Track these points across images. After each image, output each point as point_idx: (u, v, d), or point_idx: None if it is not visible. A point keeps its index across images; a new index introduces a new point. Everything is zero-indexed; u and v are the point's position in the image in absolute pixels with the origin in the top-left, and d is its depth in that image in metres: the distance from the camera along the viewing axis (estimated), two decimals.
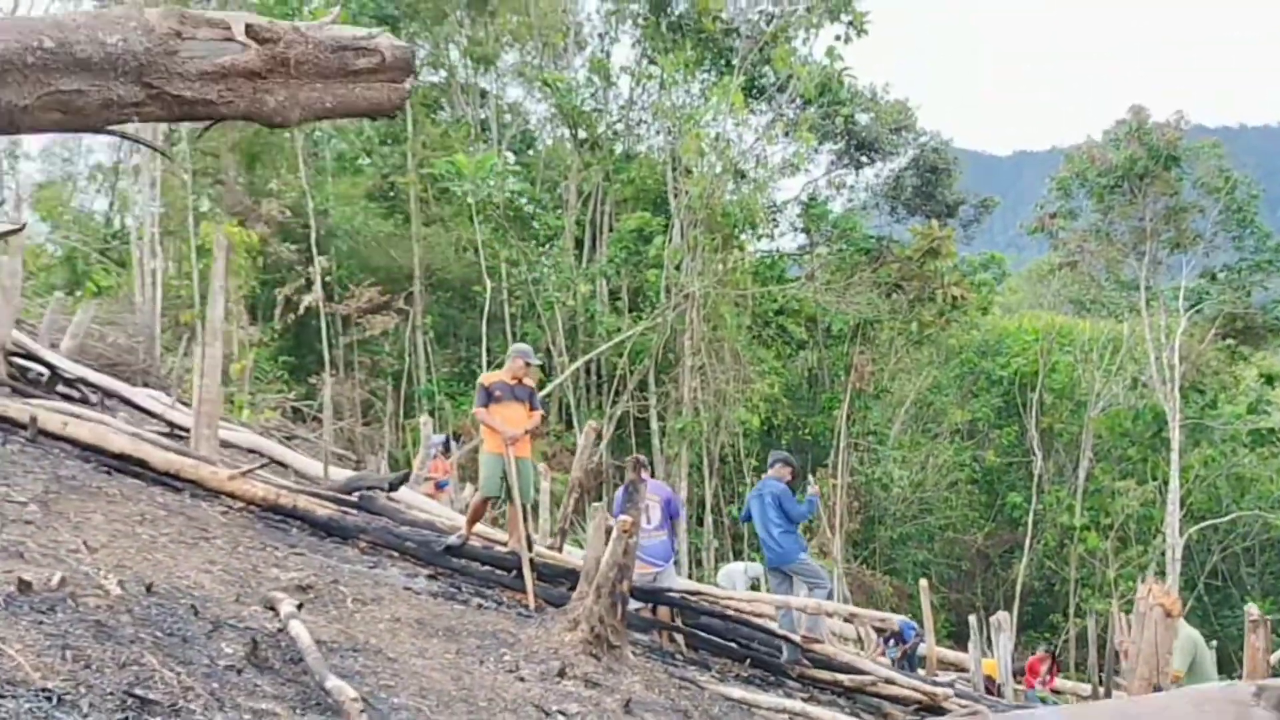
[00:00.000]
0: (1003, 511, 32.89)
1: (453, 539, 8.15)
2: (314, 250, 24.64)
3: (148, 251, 22.24)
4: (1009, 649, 14.30)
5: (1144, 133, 27.56)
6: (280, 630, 4.63)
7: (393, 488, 9.39)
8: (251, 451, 12.49)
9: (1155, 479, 30.29)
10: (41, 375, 12.26)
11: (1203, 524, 29.71)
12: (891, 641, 14.73)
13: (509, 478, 8.07)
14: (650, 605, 8.52)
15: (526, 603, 7.75)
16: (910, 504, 31.83)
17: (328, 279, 25.42)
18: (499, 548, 8.50)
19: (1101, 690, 12.16)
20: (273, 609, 4.93)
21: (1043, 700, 14.49)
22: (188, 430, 10.58)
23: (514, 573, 8.04)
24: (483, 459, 8.57)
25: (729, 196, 28.66)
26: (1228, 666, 24.25)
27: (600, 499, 8.90)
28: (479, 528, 8.83)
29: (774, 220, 32.23)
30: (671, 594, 8.48)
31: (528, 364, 8.47)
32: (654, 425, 28.47)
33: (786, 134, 28.78)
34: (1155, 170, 27.79)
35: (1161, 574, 27.95)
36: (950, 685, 9.61)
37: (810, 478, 9.65)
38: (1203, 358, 29.91)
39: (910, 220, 33.82)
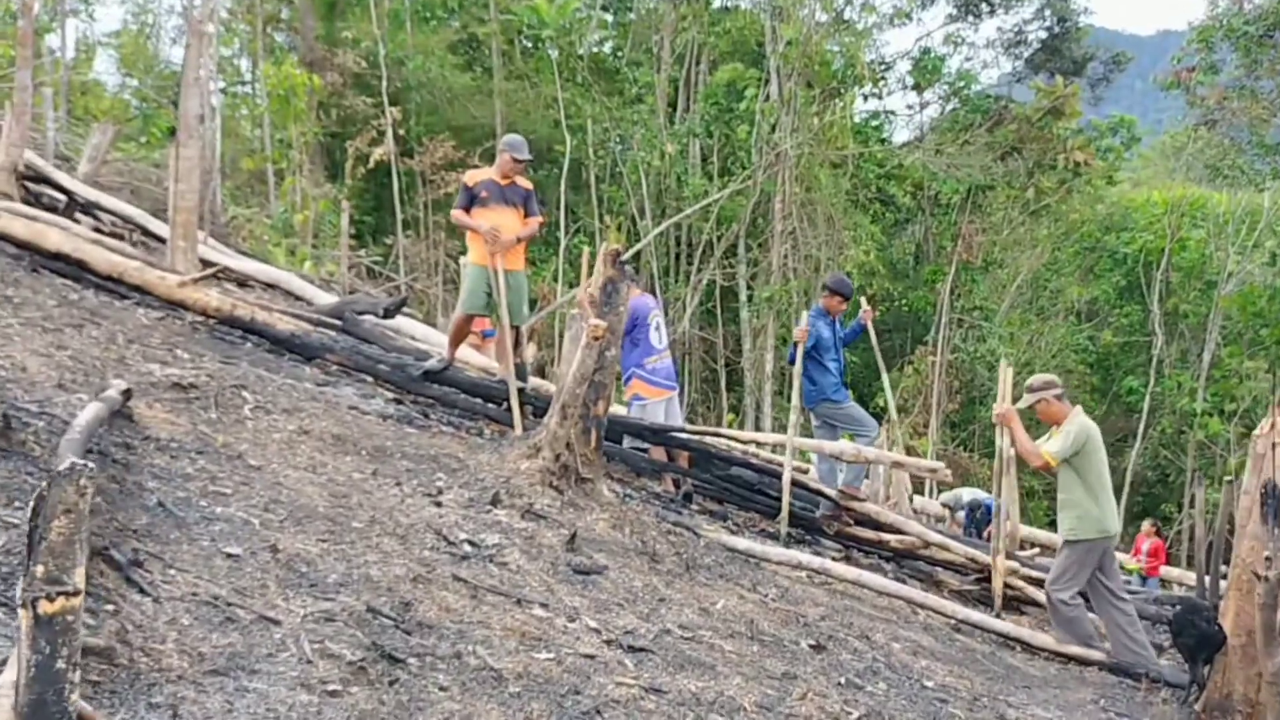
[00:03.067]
0: (1118, 397, 30.75)
1: (432, 362, 7.06)
2: (385, 100, 23.75)
3: (206, 99, 21.46)
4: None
5: None
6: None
7: (389, 313, 8.32)
8: (271, 286, 11.62)
9: None
10: (58, 202, 11.53)
11: None
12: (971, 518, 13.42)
13: (495, 292, 6.90)
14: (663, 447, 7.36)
15: (513, 438, 6.65)
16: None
17: (402, 133, 24.45)
18: (494, 377, 7.38)
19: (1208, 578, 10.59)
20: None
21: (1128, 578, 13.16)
22: (206, 264, 9.72)
23: (504, 405, 6.94)
24: (465, 270, 7.42)
25: (832, 48, 26.53)
26: None
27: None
28: (473, 356, 7.73)
29: (882, 76, 29.89)
30: (686, 434, 7.27)
31: (516, 160, 7.20)
32: (742, 296, 27.06)
33: None
34: None
35: None
36: (1028, 561, 8.25)
37: (863, 300, 8.22)
38: None
39: (1033, 79, 31.14)
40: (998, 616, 6.19)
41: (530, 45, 27.65)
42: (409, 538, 3.82)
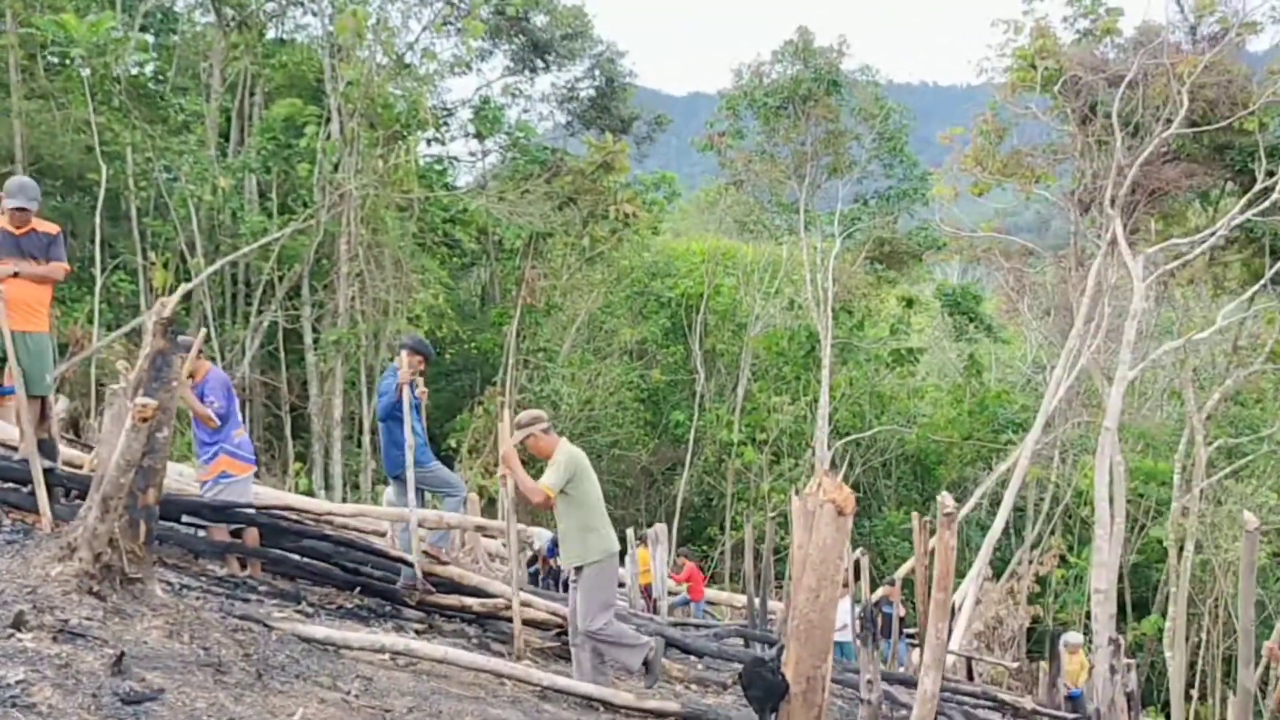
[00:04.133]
0: (667, 429, 33.26)
1: None
2: None
3: None
4: (665, 560, 13.76)
5: (809, 53, 27.99)
6: None
7: None
8: None
9: (807, 396, 31.56)
10: None
11: (847, 438, 31.28)
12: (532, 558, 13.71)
13: (9, 359, 5.96)
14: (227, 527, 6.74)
15: (40, 525, 5.75)
16: (579, 422, 31.31)
17: None
18: (14, 453, 6.36)
19: (757, 598, 11.67)
20: None
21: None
22: None
23: (27, 489, 5.98)
24: None
25: (394, 91, 26.37)
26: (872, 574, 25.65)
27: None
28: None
29: (444, 122, 30.28)
30: (251, 509, 6.71)
31: (17, 210, 6.17)
32: (307, 338, 25.96)
33: (454, 25, 26.80)
34: (817, 93, 28.39)
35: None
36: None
37: (419, 380, 7.96)
38: (853, 280, 31.26)
39: (585, 133, 33.05)
40: (517, 659, 6.28)
41: (56, 62, 24.72)
42: None
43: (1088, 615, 23.93)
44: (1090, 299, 22.30)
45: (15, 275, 6.02)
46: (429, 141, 30.33)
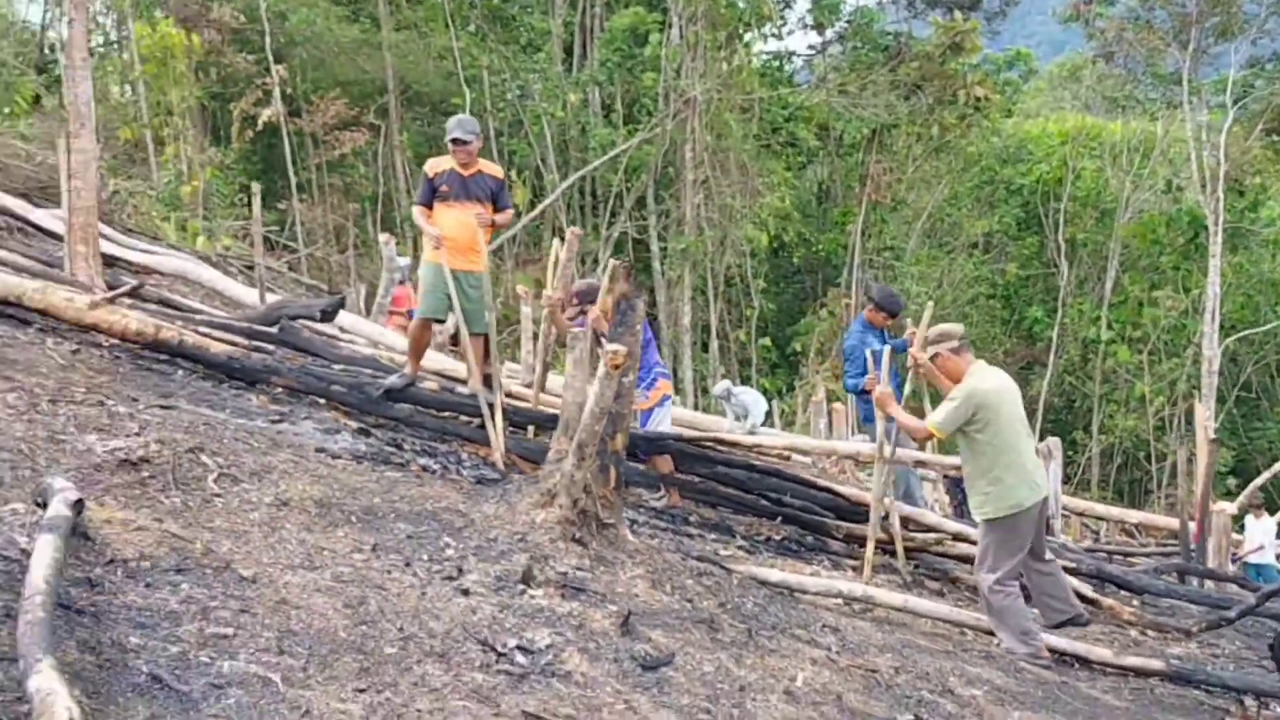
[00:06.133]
0: (1021, 326, 31.22)
1: (393, 379, 6.24)
2: (270, 57, 22.16)
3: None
4: (1059, 477, 12.71)
5: None
6: (31, 549, 2.74)
7: (326, 316, 7.44)
8: (180, 278, 10.55)
9: (1188, 288, 28.44)
10: None
11: (1237, 335, 27.93)
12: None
13: (452, 296, 6.12)
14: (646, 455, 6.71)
15: (493, 460, 5.93)
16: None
17: (289, 91, 22.94)
18: (461, 388, 6.61)
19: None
20: (43, 505, 3.04)
21: None
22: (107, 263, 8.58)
23: (477, 422, 6.18)
24: (420, 271, 6.59)
25: None
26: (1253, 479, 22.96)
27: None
28: (439, 363, 6.94)
29: (782, 17, 29.31)
30: (678, 441, 6.63)
31: (456, 141, 6.23)
32: (654, 247, 26.41)
33: None
34: None
35: (1195, 389, 26.42)
36: None
37: (908, 322, 7.39)
38: (1246, 156, 27.49)
39: (931, 14, 30.97)
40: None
41: None
42: (451, 656, 3.10)
43: None
44: None
45: (490, 225, 6.18)
46: (766, 38, 29.60)
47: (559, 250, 6.69)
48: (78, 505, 2.98)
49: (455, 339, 8.40)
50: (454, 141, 6.25)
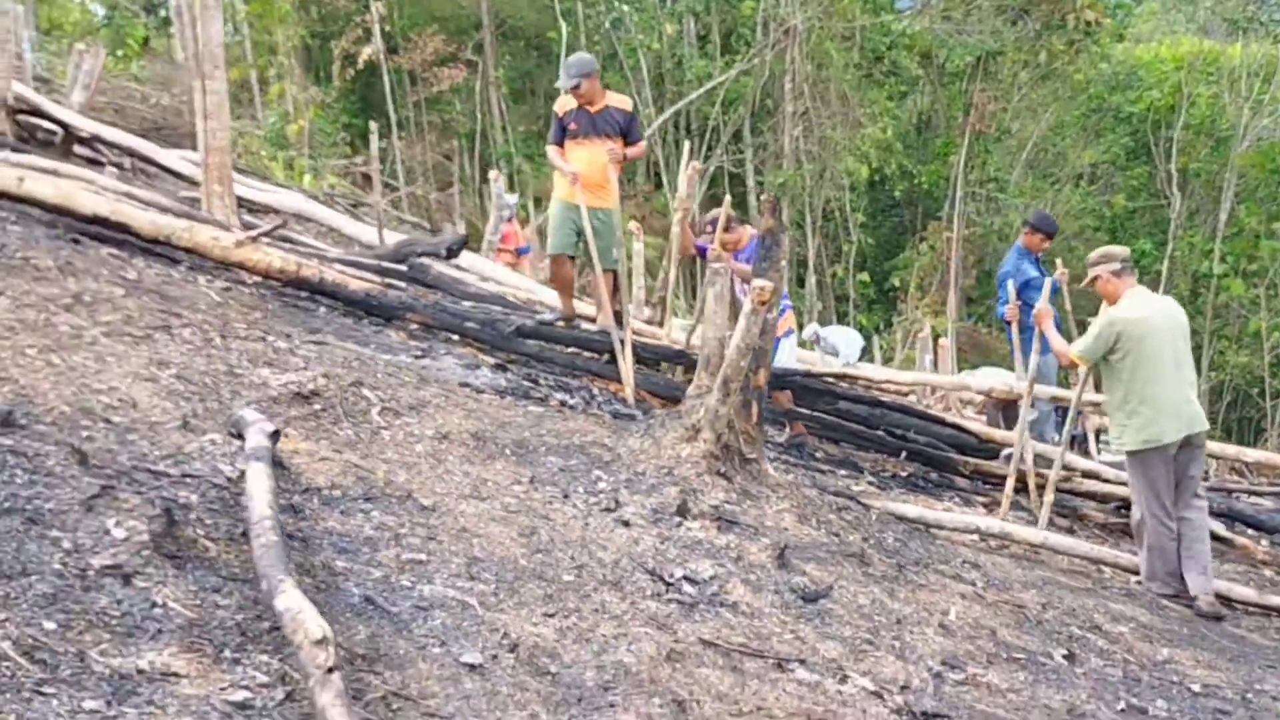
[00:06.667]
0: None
1: (546, 315, 6.40)
2: None
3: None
4: None
5: None
6: (237, 479, 2.91)
7: (451, 253, 7.59)
8: (297, 216, 10.80)
9: None
10: (54, 135, 10.59)
11: None
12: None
13: (584, 233, 6.19)
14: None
15: (623, 395, 6.02)
16: None
17: (386, 29, 23.10)
18: (587, 325, 6.70)
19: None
20: (238, 436, 3.20)
21: None
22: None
23: (605, 357, 6.27)
24: (550, 209, 6.66)
25: None
26: None
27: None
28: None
29: None
30: (804, 376, 6.64)
31: (576, 87, 6.24)
32: (750, 181, 26.13)
33: None
34: None
35: None
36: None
37: (1058, 262, 7.28)
38: None
39: None
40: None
41: None
42: (624, 584, 3.21)
43: None
44: None
45: (622, 159, 6.21)
46: None
47: (682, 182, 6.70)
48: (274, 435, 3.14)
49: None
50: (575, 87, 6.28)
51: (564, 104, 6.43)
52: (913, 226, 29.11)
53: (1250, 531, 7.28)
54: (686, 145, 6.42)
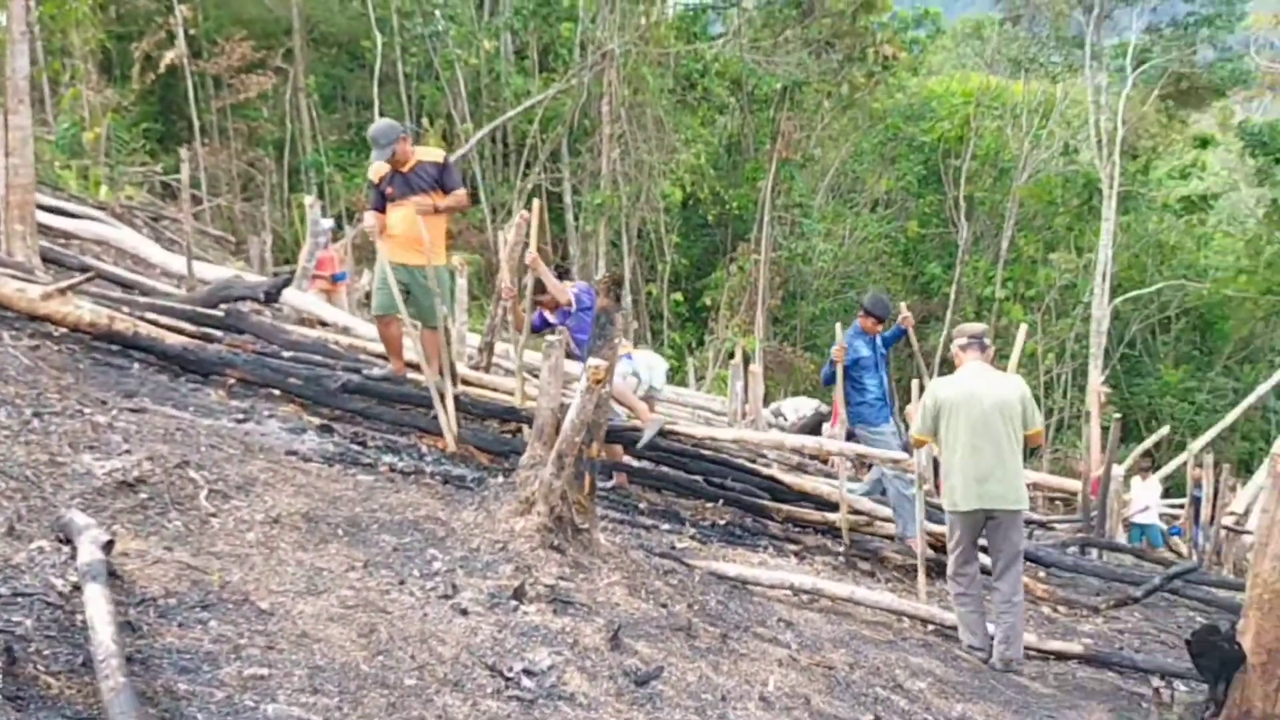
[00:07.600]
0: (919, 282, 32.11)
1: (375, 371, 6.35)
2: None
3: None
4: None
5: None
6: (70, 593, 2.84)
7: (269, 298, 7.41)
8: (100, 243, 10.27)
9: (1080, 250, 29.61)
10: None
11: (1127, 295, 29.29)
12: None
13: (411, 290, 6.21)
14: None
15: (446, 448, 6.07)
16: (832, 278, 30.78)
17: (192, 32, 22.10)
18: (415, 375, 6.70)
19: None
20: (66, 541, 3.11)
21: None
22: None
23: (432, 414, 6.30)
24: (375, 269, 6.65)
25: None
26: (1133, 435, 24.25)
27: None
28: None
29: None
30: (634, 432, 6.85)
31: (392, 157, 6.26)
32: (568, 199, 26.37)
33: None
34: None
35: (1084, 347, 27.75)
36: None
37: (903, 305, 7.67)
38: (1143, 121, 28.61)
39: None
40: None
41: None
42: (464, 684, 3.29)
43: None
44: None
45: (432, 209, 6.19)
46: None
47: (507, 234, 6.79)
48: (108, 546, 3.06)
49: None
50: (384, 146, 6.27)
51: (378, 169, 6.41)
52: (724, 247, 30.03)
53: (1027, 563, 7.96)
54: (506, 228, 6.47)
